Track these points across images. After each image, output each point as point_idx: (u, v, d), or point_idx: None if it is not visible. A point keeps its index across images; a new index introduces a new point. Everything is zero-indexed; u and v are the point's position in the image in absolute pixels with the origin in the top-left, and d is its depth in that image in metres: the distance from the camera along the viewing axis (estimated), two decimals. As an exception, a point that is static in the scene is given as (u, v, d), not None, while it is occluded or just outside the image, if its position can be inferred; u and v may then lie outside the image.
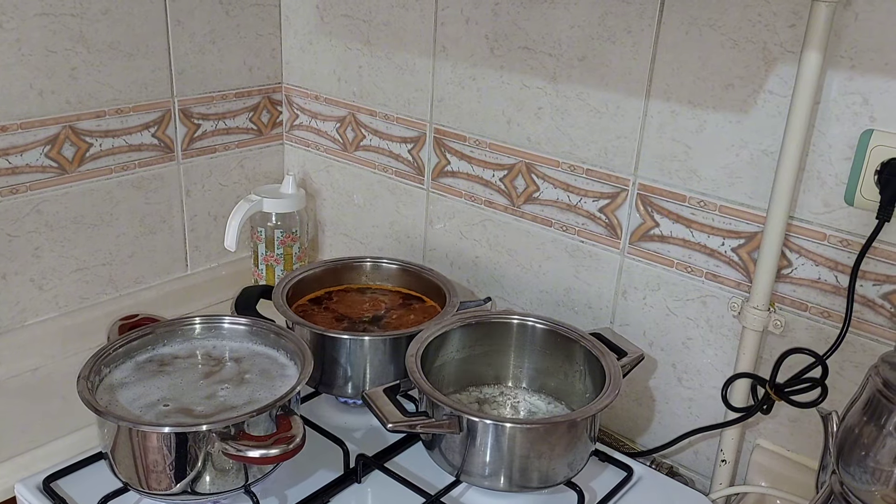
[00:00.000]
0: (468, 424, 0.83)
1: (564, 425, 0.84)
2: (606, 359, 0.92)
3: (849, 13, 0.79)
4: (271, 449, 0.76)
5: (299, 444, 0.77)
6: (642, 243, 1.00)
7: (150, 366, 0.89)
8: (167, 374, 0.88)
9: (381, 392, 0.86)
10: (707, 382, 0.99)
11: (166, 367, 0.89)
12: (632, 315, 1.04)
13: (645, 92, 0.95)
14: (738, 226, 0.92)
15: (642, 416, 1.06)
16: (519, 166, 1.09)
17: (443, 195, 1.20)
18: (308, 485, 0.88)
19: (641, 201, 0.99)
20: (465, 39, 1.10)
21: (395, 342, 0.97)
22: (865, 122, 0.81)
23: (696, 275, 0.96)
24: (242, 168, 1.37)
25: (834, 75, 0.81)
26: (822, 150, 0.84)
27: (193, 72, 1.25)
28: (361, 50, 1.24)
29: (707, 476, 1.01)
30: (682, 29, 0.90)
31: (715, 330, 0.97)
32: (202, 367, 0.90)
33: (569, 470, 0.86)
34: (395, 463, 0.92)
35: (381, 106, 1.24)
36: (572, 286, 1.09)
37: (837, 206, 0.84)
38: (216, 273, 1.37)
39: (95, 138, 1.16)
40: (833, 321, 0.87)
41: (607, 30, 0.96)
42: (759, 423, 0.96)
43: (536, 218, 1.10)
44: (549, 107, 1.04)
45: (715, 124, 0.91)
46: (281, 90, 1.38)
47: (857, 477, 0.75)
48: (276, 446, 0.76)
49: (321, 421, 0.97)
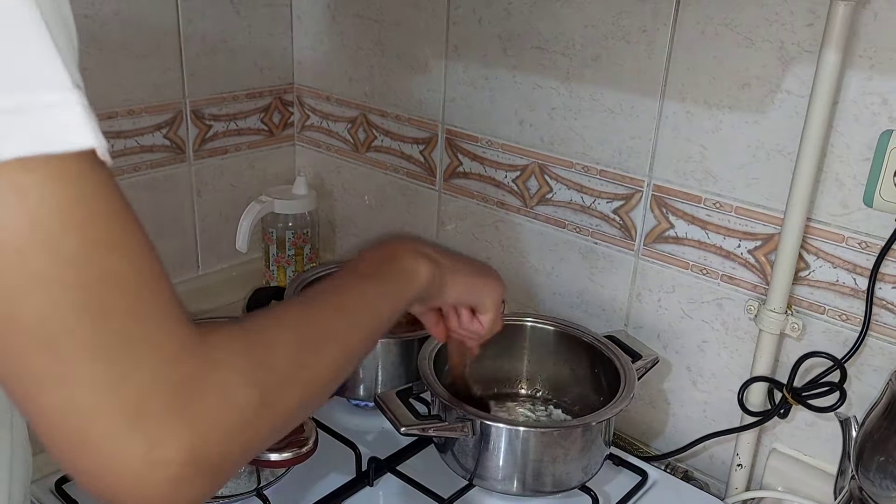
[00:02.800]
0: (481, 428, 0.82)
1: (579, 429, 0.84)
2: (621, 361, 0.91)
3: (868, 12, 0.78)
4: (284, 452, 0.76)
5: (312, 447, 0.77)
6: (657, 245, 0.99)
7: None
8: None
9: (394, 395, 0.86)
10: (722, 386, 0.98)
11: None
12: (646, 317, 1.03)
13: (660, 92, 0.94)
14: (754, 227, 0.91)
15: (657, 420, 1.05)
16: (532, 167, 1.09)
17: (454, 196, 1.19)
18: (320, 488, 0.87)
19: (656, 203, 0.98)
20: (477, 39, 1.10)
21: (407, 344, 0.97)
22: (885, 122, 0.79)
23: (712, 277, 0.96)
24: (253, 169, 1.36)
25: (852, 75, 0.80)
26: (841, 150, 0.83)
27: (205, 73, 1.24)
28: (373, 50, 1.24)
29: (722, 481, 1.00)
30: (698, 28, 0.89)
31: (731, 333, 0.96)
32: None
33: (583, 474, 0.85)
34: (408, 466, 0.92)
35: (393, 106, 1.24)
36: (586, 288, 1.08)
37: (856, 208, 0.83)
38: (227, 274, 1.36)
39: (107, 139, 1.15)
40: (851, 324, 0.86)
41: (621, 29, 0.95)
42: (775, 427, 0.95)
43: (549, 219, 1.09)
44: (562, 107, 1.03)
45: (731, 125, 0.90)
46: (292, 91, 1.38)
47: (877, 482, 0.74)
48: (288, 449, 0.76)
49: (333, 424, 0.96)
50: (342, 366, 0.53)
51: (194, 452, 0.39)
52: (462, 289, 0.73)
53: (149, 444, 0.38)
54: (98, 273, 0.37)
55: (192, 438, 0.39)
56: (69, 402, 0.37)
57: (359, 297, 0.59)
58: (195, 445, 0.39)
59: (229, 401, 0.41)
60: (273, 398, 0.44)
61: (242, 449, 0.43)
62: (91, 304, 0.37)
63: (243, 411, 0.42)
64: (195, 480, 0.40)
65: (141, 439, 0.38)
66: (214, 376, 0.41)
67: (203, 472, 0.40)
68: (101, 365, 0.37)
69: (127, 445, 0.37)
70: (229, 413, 0.41)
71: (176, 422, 0.38)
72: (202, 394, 0.40)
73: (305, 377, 0.48)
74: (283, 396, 0.45)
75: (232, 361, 0.42)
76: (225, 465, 0.42)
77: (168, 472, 0.38)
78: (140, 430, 0.38)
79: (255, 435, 0.43)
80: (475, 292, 0.75)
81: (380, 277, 0.63)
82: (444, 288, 0.70)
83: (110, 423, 0.37)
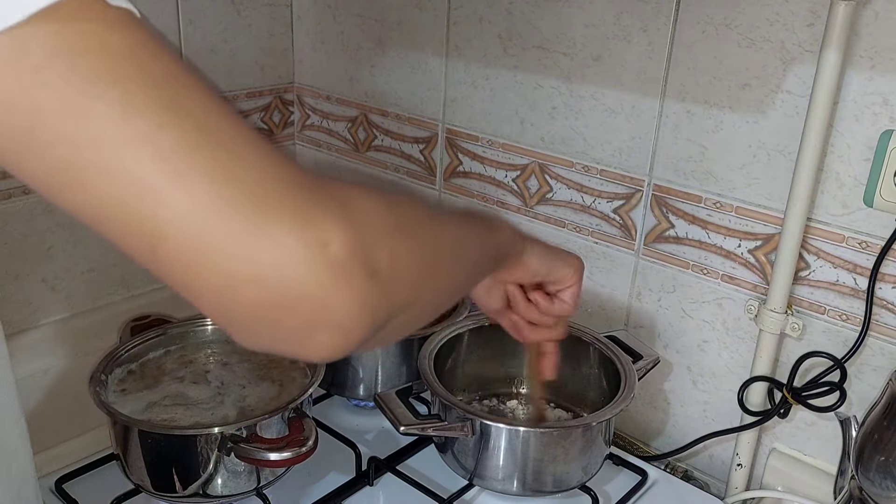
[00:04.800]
0: (481, 428, 0.82)
1: (579, 429, 0.84)
2: (621, 362, 0.91)
3: (868, 12, 0.78)
4: (284, 451, 0.75)
5: (312, 446, 0.77)
6: (657, 245, 0.99)
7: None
8: (179, 376, 0.87)
9: (394, 394, 0.86)
10: (723, 385, 0.98)
11: (178, 369, 0.88)
12: (646, 317, 1.03)
13: (660, 92, 0.94)
14: (754, 227, 0.91)
15: (657, 420, 1.05)
16: (532, 167, 1.09)
17: (455, 195, 1.19)
18: (320, 487, 0.87)
19: (656, 202, 0.98)
20: (478, 39, 1.10)
21: (407, 344, 0.96)
22: (885, 122, 0.79)
23: (712, 277, 0.95)
24: (254, 168, 1.36)
25: (853, 75, 0.80)
26: (841, 150, 0.83)
27: (205, 72, 1.24)
28: (374, 49, 1.24)
29: (722, 480, 1.00)
30: (699, 28, 0.89)
31: (731, 332, 0.96)
32: (214, 368, 0.89)
33: (583, 474, 0.85)
34: (408, 466, 0.92)
35: (393, 106, 1.24)
36: (586, 288, 1.07)
37: (856, 208, 0.83)
38: (228, 273, 1.36)
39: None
40: (851, 324, 0.86)
41: (622, 29, 0.95)
42: (775, 426, 0.95)
43: (550, 219, 1.09)
44: (562, 106, 1.03)
45: (731, 125, 0.90)
46: (292, 90, 1.38)
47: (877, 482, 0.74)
48: (288, 449, 0.76)
49: (333, 423, 0.96)
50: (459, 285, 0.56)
51: (347, 236, 0.38)
52: (542, 254, 0.69)
53: (299, 227, 0.36)
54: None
55: (340, 225, 0.37)
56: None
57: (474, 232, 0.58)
58: (346, 231, 0.38)
59: (367, 213, 0.40)
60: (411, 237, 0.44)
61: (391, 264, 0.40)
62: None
63: (385, 221, 0.41)
64: (359, 274, 0.38)
65: (288, 225, 0.36)
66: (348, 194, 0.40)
67: (363, 265, 0.38)
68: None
69: (276, 230, 0.36)
70: (371, 218, 0.40)
71: (317, 209, 0.37)
72: (336, 197, 0.39)
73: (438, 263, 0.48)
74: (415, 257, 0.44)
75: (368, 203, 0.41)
76: (382, 272, 0.40)
77: (326, 253, 0.37)
78: (283, 216, 0.36)
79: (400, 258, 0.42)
80: (556, 260, 0.70)
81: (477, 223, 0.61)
82: (525, 250, 0.67)
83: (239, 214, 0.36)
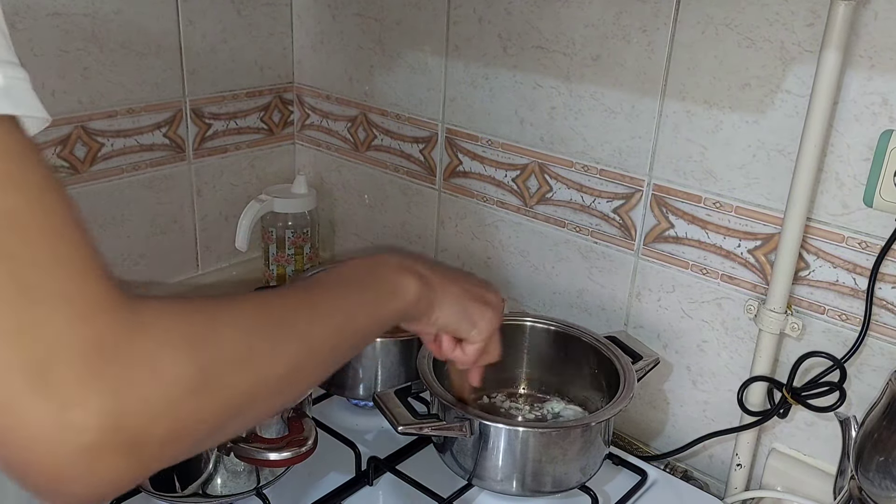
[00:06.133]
0: (480, 428, 0.82)
1: (578, 429, 0.84)
2: (621, 362, 0.91)
3: (868, 12, 0.78)
4: (283, 451, 0.76)
5: (311, 446, 0.77)
6: (657, 245, 0.99)
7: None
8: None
9: (393, 394, 0.86)
10: (722, 386, 0.98)
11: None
12: (646, 317, 1.03)
13: (660, 92, 0.94)
14: (754, 227, 0.91)
15: (656, 420, 1.05)
16: (532, 166, 1.09)
17: (454, 195, 1.19)
18: (319, 487, 0.87)
19: (656, 202, 0.98)
20: (477, 38, 1.10)
21: (406, 344, 0.96)
22: (885, 122, 0.79)
23: (712, 277, 0.95)
24: (253, 168, 1.36)
25: (853, 75, 0.80)
26: (841, 150, 0.83)
27: (205, 71, 1.24)
28: (373, 49, 1.23)
29: (722, 480, 1.00)
30: (698, 28, 0.89)
31: (731, 333, 0.95)
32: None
33: (582, 474, 0.85)
34: (407, 466, 0.92)
35: (393, 105, 1.24)
36: (586, 288, 1.08)
37: (856, 208, 0.83)
38: (227, 273, 1.36)
39: (107, 138, 1.16)
40: (851, 324, 0.86)
41: (622, 29, 0.95)
42: (775, 426, 0.95)
43: (549, 219, 1.09)
44: (562, 106, 1.03)
45: (731, 124, 0.90)
46: (292, 90, 1.38)
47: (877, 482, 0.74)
48: (288, 449, 0.76)
49: (332, 423, 0.96)
50: (304, 363, 0.50)
51: (111, 420, 0.36)
52: (451, 313, 0.68)
53: (58, 405, 0.35)
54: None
55: (107, 404, 0.36)
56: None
57: (332, 298, 0.56)
58: (111, 412, 0.36)
59: (155, 371, 0.38)
60: (215, 379, 0.41)
61: (173, 428, 0.39)
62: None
63: (173, 386, 0.39)
64: (114, 455, 0.37)
65: (49, 399, 0.35)
66: (139, 343, 0.38)
67: (122, 446, 0.37)
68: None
69: (33, 404, 0.34)
70: (155, 385, 0.38)
71: (89, 383, 0.35)
72: (121, 358, 0.37)
73: (257, 364, 0.45)
74: (227, 379, 0.42)
75: (165, 332, 0.39)
76: (151, 445, 0.38)
77: (81, 439, 0.35)
78: (48, 388, 0.35)
79: (191, 416, 0.40)
80: (464, 319, 0.70)
81: (360, 284, 0.59)
82: (433, 309, 0.66)
83: (13, 377, 0.34)
